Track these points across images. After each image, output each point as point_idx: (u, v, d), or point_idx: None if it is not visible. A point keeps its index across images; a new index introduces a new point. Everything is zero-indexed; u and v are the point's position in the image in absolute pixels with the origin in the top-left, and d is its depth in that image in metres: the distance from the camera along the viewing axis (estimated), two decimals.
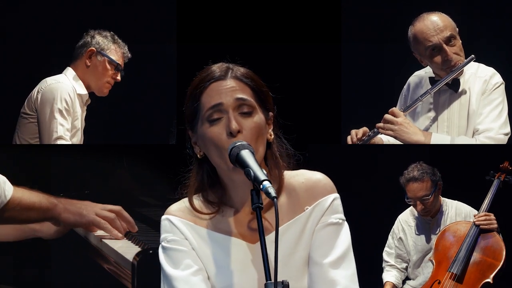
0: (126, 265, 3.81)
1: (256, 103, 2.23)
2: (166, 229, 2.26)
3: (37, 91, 4.51)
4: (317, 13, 4.67)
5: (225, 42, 4.53)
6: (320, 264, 2.21)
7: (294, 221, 2.24)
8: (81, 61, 4.59)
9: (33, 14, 4.84)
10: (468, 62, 4.14)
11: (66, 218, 3.04)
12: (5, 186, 2.89)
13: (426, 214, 4.52)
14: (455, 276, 4.21)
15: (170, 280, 2.21)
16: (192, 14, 4.71)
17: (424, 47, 4.13)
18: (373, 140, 4.23)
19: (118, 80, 4.60)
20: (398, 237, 4.64)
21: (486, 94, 4.18)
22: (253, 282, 2.21)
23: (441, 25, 4.12)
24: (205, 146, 2.22)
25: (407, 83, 4.40)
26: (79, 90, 4.57)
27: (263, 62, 2.30)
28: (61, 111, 4.46)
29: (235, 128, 2.17)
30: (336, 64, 4.65)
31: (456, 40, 4.12)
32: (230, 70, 2.25)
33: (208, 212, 2.26)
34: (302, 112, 4.45)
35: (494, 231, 4.26)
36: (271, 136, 2.27)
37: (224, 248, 2.23)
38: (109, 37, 4.61)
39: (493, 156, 4.39)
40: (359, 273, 2.29)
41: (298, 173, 2.30)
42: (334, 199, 2.26)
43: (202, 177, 2.27)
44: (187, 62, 4.62)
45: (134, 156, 4.40)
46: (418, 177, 4.41)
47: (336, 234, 2.24)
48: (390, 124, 4.09)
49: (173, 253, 2.24)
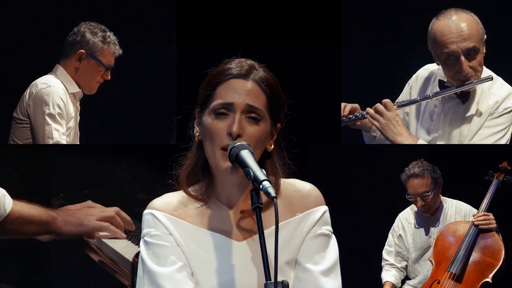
0: (126, 265, 3.82)
1: (266, 112, 2.22)
2: (149, 223, 2.24)
3: (28, 96, 4.47)
4: (317, 13, 4.67)
5: (225, 42, 4.53)
6: (310, 271, 2.23)
7: (284, 224, 2.24)
8: (71, 61, 4.55)
9: (33, 14, 4.83)
10: (482, 81, 3.88)
11: (68, 230, 3.04)
12: (4, 200, 2.89)
13: (426, 211, 4.54)
14: (454, 276, 4.22)
15: (154, 276, 2.19)
16: (192, 14, 4.70)
17: (441, 52, 3.89)
18: (360, 123, 4.14)
19: (108, 79, 4.58)
20: (398, 234, 4.66)
21: (493, 117, 3.98)
22: (241, 279, 2.20)
23: (465, 33, 3.84)
24: (204, 134, 2.23)
25: (416, 75, 4.29)
26: (71, 89, 4.54)
27: (263, 62, 2.29)
28: (54, 116, 4.42)
29: (235, 132, 2.17)
30: (336, 64, 4.65)
31: (478, 54, 3.85)
32: (254, 71, 2.24)
33: (196, 200, 2.24)
34: (302, 112, 4.45)
35: (493, 231, 4.28)
36: (271, 146, 2.27)
37: (209, 245, 2.22)
38: (99, 35, 4.55)
39: (493, 156, 4.38)
40: (359, 273, 2.30)
41: (290, 182, 2.31)
42: (325, 211, 2.29)
43: (197, 161, 2.26)
44: (187, 62, 4.62)
45: (134, 156, 4.40)
46: (419, 174, 4.43)
47: (327, 244, 2.27)
48: (379, 116, 3.98)
49: (157, 248, 2.21)
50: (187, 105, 2.32)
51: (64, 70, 4.55)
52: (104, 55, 4.56)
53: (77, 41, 4.54)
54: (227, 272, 2.20)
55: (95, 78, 4.58)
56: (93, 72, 4.57)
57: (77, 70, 4.55)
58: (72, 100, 4.54)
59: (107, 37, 4.57)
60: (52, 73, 4.56)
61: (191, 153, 2.28)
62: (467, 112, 4.04)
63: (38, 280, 4.40)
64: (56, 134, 4.41)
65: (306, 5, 4.67)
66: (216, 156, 2.18)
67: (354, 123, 4.15)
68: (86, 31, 4.55)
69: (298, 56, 4.61)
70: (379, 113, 3.99)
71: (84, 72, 4.56)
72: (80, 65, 4.54)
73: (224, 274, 2.20)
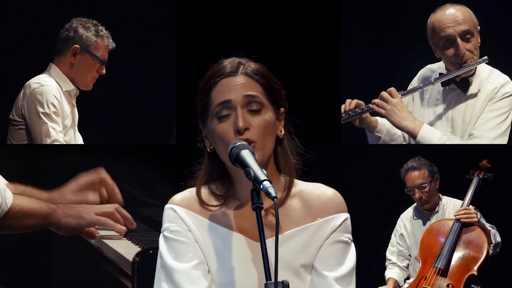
0: (126, 265, 3.82)
1: (266, 100, 2.23)
2: (170, 218, 2.25)
3: (22, 97, 4.45)
4: (317, 13, 4.67)
5: (225, 42, 4.53)
6: (324, 277, 2.22)
7: (304, 228, 2.24)
8: (65, 58, 4.52)
9: (29, 15, 4.83)
10: (479, 62, 4.06)
11: (67, 222, 3.03)
12: (5, 194, 2.89)
13: (424, 204, 4.70)
14: (440, 270, 4.35)
15: (170, 271, 2.20)
16: (192, 14, 4.70)
17: (439, 37, 4.06)
18: (366, 117, 4.19)
19: (103, 73, 4.57)
20: (400, 233, 4.78)
21: (493, 101, 4.10)
22: (253, 280, 2.20)
23: (460, 18, 4.03)
24: (214, 141, 2.23)
25: (418, 75, 4.35)
26: (66, 86, 4.50)
27: (263, 62, 2.29)
28: (49, 115, 4.40)
29: (242, 126, 2.17)
30: (336, 64, 4.65)
31: (473, 37, 4.04)
32: (242, 66, 2.24)
33: (214, 204, 2.25)
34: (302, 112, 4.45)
35: (475, 225, 4.42)
36: (282, 132, 2.27)
37: (226, 243, 2.22)
38: (92, 30, 4.53)
39: (474, 155, 4.52)
40: (359, 273, 2.30)
41: (314, 186, 2.30)
42: (346, 218, 2.28)
43: (211, 170, 2.26)
44: (187, 62, 4.62)
45: (134, 156, 4.40)
46: (416, 166, 4.67)
47: (345, 252, 2.26)
48: (384, 103, 4.07)
49: (175, 244, 2.22)
50: (187, 121, 2.32)
51: (58, 68, 4.52)
52: (98, 49, 4.54)
53: (70, 36, 4.51)
54: (243, 271, 2.20)
55: (90, 73, 4.55)
56: (88, 66, 4.53)
57: (72, 66, 4.52)
58: (67, 98, 4.51)
59: (99, 31, 4.54)
60: (45, 72, 4.52)
61: (203, 165, 2.28)
62: (468, 100, 4.15)
63: (38, 280, 4.40)
64: (54, 133, 4.39)
65: (306, 5, 4.67)
66: None
67: (359, 121, 4.18)
68: (78, 26, 4.52)
69: (298, 56, 4.61)
70: (384, 100, 4.08)
71: (79, 67, 4.53)
72: (74, 60, 4.52)
73: (238, 273, 2.20)
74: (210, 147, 2.25)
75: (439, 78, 4.14)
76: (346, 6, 4.74)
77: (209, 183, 2.27)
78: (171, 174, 2.33)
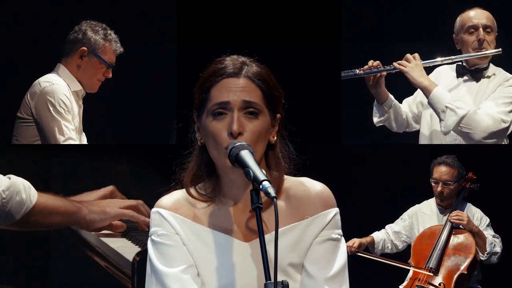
0: (126, 265, 3.82)
1: (263, 106, 2.21)
2: (156, 222, 2.23)
3: (32, 95, 4.47)
4: (317, 13, 4.67)
5: (225, 42, 4.52)
6: (314, 278, 2.20)
7: (292, 227, 2.22)
8: (72, 59, 4.56)
9: (34, 14, 4.83)
10: (494, 52, 4.43)
11: (92, 219, 3.02)
12: (30, 191, 2.89)
13: (441, 200, 4.83)
14: (432, 269, 4.61)
15: (160, 276, 2.19)
16: (192, 14, 4.70)
17: (465, 26, 4.45)
18: (382, 84, 4.45)
19: (110, 77, 4.59)
20: (408, 221, 4.92)
21: (502, 86, 4.41)
22: (244, 281, 2.19)
23: (484, 16, 4.45)
24: (205, 137, 2.22)
25: (433, 72, 4.56)
26: (74, 87, 4.54)
27: (263, 62, 2.29)
28: (61, 113, 4.43)
29: (236, 130, 2.16)
30: (336, 64, 4.65)
31: (492, 33, 4.44)
32: (245, 67, 2.22)
33: (202, 200, 2.24)
34: (302, 112, 4.45)
35: (464, 228, 4.69)
36: (274, 138, 2.25)
37: (215, 245, 2.21)
38: (101, 33, 4.56)
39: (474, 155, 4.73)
40: (359, 272, 2.29)
41: (299, 180, 2.28)
42: (335, 213, 2.25)
43: (200, 164, 2.25)
44: (187, 62, 4.62)
45: (134, 156, 4.40)
46: (449, 163, 4.80)
47: (335, 250, 2.23)
48: (406, 62, 4.39)
49: (164, 248, 2.21)
50: (185, 111, 2.31)
51: (66, 68, 4.55)
52: (105, 52, 4.57)
53: (78, 39, 4.55)
54: (232, 273, 2.19)
55: (97, 75, 4.58)
56: (94, 69, 4.57)
57: (78, 68, 4.55)
58: (75, 98, 4.54)
59: (108, 35, 4.58)
60: (54, 71, 4.56)
61: (193, 156, 2.27)
62: (480, 86, 4.46)
63: (38, 280, 4.40)
64: (67, 130, 4.42)
65: (306, 5, 4.67)
66: (222, 156, 2.17)
67: (375, 80, 4.46)
68: (87, 29, 4.56)
69: (298, 56, 4.61)
70: (407, 60, 4.40)
71: (86, 70, 4.56)
72: (81, 63, 4.55)
73: (229, 275, 2.19)
74: (201, 141, 2.24)
75: (459, 57, 4.45)
76: (346, 6, 4.74)
77: (196, 183, 2.25)
78: (171, 174, 2.32)
